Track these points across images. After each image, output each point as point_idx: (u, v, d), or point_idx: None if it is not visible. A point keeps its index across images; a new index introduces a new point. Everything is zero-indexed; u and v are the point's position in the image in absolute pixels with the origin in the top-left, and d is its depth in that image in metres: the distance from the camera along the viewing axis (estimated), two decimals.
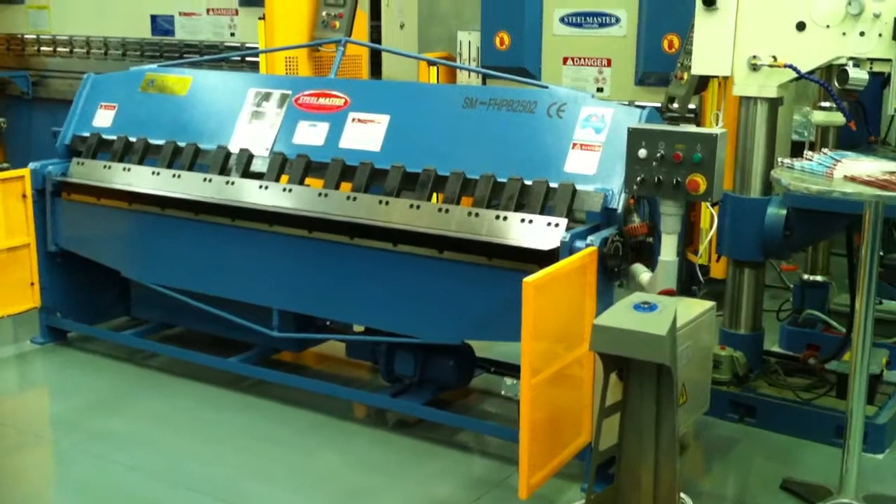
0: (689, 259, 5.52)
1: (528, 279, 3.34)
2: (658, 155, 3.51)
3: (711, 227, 4.56)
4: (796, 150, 4.87)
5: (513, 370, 4.82)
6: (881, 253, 5.92)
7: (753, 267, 4.68)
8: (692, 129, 3.68)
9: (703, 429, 4.49)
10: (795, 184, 3.42)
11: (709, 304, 4.12)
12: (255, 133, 4.86)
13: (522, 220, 3.96)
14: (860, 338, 3.57)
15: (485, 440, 4.38)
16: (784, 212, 4.46)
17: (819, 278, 5.45)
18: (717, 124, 4.69)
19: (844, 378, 4.46)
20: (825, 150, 3.84)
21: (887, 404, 4.48)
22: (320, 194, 4.47)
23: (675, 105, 5.54)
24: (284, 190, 4.58)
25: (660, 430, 3.34)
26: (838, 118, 4.83)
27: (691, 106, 5.65)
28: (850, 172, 3.45)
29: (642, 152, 3.54)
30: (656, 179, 3.53)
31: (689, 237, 5.68)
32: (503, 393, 3.68)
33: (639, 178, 3.57)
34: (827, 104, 4.61)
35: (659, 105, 5.50)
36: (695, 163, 3.45)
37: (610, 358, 3.30)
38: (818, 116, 4.73)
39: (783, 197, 4.51)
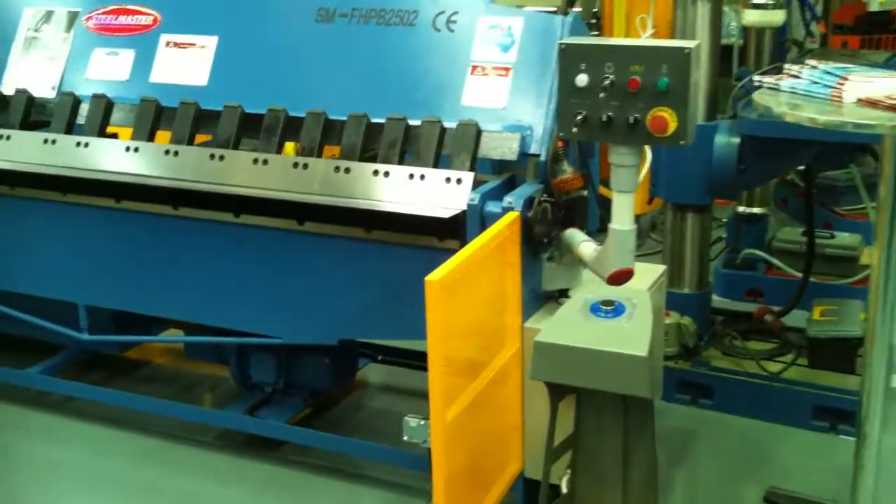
0: (604, 194, 4.55)
1: (431, 277, 2.26)
2: (606, 82, 2.43)
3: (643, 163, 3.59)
4: (724, 56, 3.97)
5: (407, 356, 3.84)
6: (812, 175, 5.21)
7: (698, 211, 3.73)
8: (650, 42, 2.62)
9: None
10: (794, 113, 2.44)
11: (660, 268, 3.16)
12: (34, 68, 3.66)
13: (411, 176, 2.87)
14: (880, 302, 2.64)
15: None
16: (737, 140, 3.51)
17: (756, 211, 4.58)
18: (645, 32, 3.66)
19: (815, 342, 3.65)
20: (812, 61, 2.86)
21: None
22: (129, 149, 3.28)
23: (578, 8, 4.49)
24: (79, 145, 3.36)
25: (628, 472, 2.37)
26: (776, 17, 3.98)
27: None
28: (866, 94, 2.49)
29: (582, 78, 2.44)
30: (605, 117, 2.45)
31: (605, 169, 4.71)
32: (406, 438, 2.69)
33: (579, 117, 2.48)
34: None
35: (554, 10, 4.43)
36: (660, 91, 2.39)
37: (559, 386, 2.28)
38: (751, 16, 3.94)
39: (733, 122, 3.56)
